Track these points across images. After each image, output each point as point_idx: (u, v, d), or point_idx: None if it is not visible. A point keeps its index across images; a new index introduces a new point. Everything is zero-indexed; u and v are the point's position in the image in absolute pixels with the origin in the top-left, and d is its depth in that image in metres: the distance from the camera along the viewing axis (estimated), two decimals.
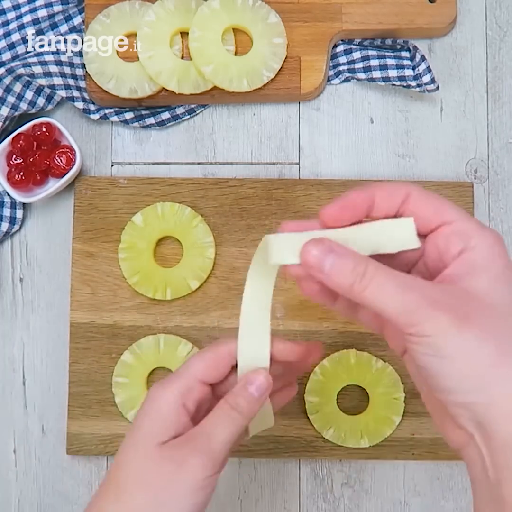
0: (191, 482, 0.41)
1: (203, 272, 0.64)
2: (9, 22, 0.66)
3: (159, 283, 0.63)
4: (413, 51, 0.66)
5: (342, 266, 0.34)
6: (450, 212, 0.36)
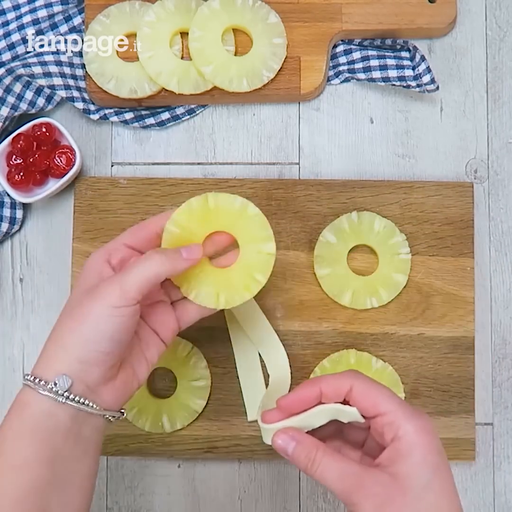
0: (100, 308, 0.46)
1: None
2: (9, 23, 0.67)
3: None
4: (413, 51, 0.66)
5: (299, 453, 0.46)
6: (384, 404, 0.45)
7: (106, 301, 0.46)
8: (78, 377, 0.46)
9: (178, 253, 0.49)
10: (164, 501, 0.65)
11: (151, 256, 0.48)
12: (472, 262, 0.64)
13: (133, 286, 0.47)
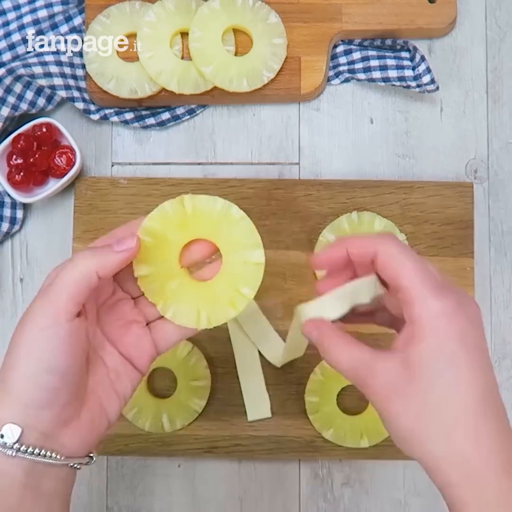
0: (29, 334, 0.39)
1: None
2: (9, 23, 0.67)
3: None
4: (413, 51, 0.66)
5: (315, 336, 0.42)
6: (405, 278, 0.39)
7: (34, 323, 0.39)
8: (28, 424, 0.39)
9: (107, 246, 0.42)
10: (164, 501, 0.65)
11: (75, 256, 0.41)
12: (472, 262, 0.64)
13: (63, 295, 0.39)
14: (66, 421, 0.40)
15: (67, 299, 0.39)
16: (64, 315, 0.39)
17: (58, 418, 0.40)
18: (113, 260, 0.41)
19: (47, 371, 0.39)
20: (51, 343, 0.39)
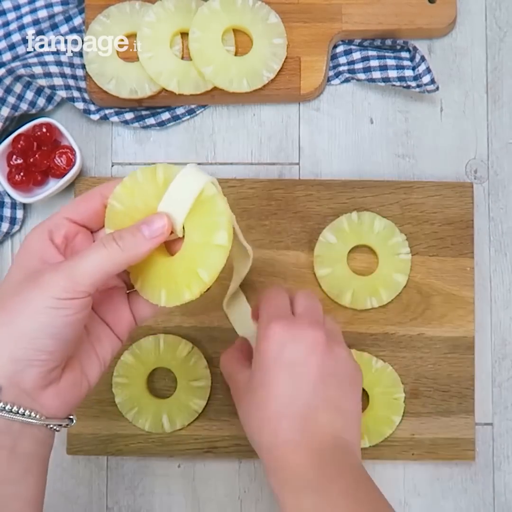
0: (43, 299, 0.39)
1: None
2: (9, 23, 0.67)
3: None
4: (413, 51, 0.66)
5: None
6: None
7: (49, 291, 0.39)
8: (11, 379, 0.39)
9: (139, 234, 0.41)
10: (164, 501, 0.65)
11: (107, 243, 0.40)
12: (472, 262, 0.64)
13: (86, 277, 0.39)
14: (49, 382, 0.40)
15: (91, 282, 0.39)
16: (82, 294, 0.39)
17: (42, 378, 0.40)
18: (146, 249, 0.41)
19: (50, 336, 0.39)
20: (63, 312, 0.39)
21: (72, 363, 0.43)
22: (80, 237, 0.45)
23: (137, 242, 0.41)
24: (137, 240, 0.41)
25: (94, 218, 0.44)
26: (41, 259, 0.42)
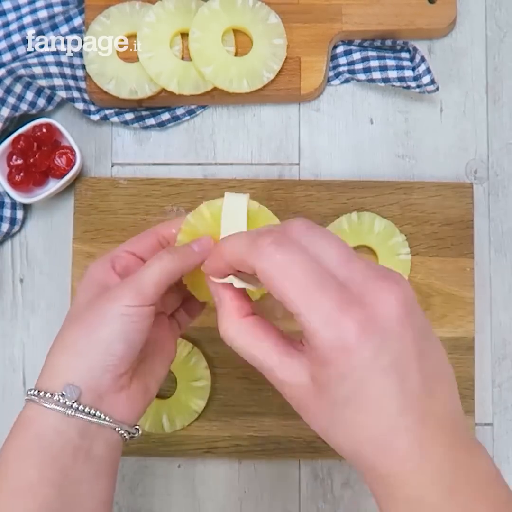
0: (116, 308, 0.43)
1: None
2: (9, 23, 0.67)
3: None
4: (413, 52, 0.66)
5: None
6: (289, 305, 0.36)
7: (120, 301, 0.44)
8: (88, 385, 0.43)
9: (189, 248, 0.46)
10: (164, 501, 0.65)
11: (161, 255, 0.46)
12: (472, 263, 0.64)
13: (149, 285, 0.44)
14: (120, 387, 0.44)
15: (154, 289, 0.44)
16: (148, 301, 0.44)
17: (115, 383, 0.44)
18: (195, 261, 0.46)
19: (123, 341, 0.43)
20: (134, 318, 0.43)
21: (138, 374, 0.46)
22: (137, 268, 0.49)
23: (189, 254, 0.46)
24: (189, 253, 0.46)
25: (150, 252, 0.49)
26: (104, 285, 0.47)
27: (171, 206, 0.65)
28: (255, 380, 0.63)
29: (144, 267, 0.45)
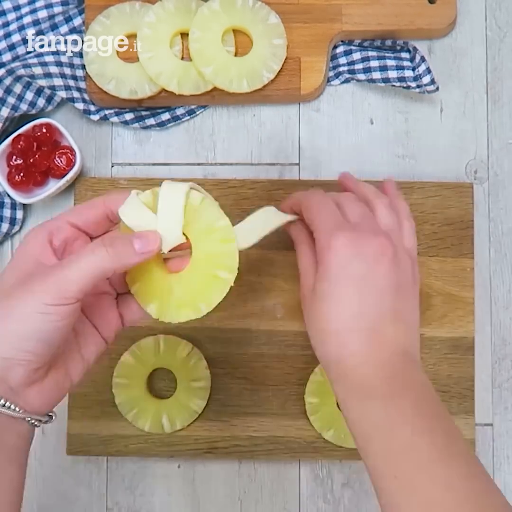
0: (34, 305, 0.40)
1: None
2: (9, 23, 0.67)
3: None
4: (413, 52, 0.66)
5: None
6: (315, 228, 0.50)
7: (38, 297, 0.40)
8: (0, 376, 0.41)
9: (129, 245, 0.43)
10: (164, 501, 0.65)
11: (95, 249, 0.41)
12: (472, 263, 0.64)
13: (74, 283, 0.40)
14: (34, 380, 0.42)
15: (78, 288, 0.40)
16: (70, 300, 0.40)
17: (28, 376, 0.41)
18: (133, 261, 0.43)
19: (37, 340, 0.40)
20: (51, 317, 0.40)
21: (57, 363, 0.44)
22: (78, 242, 0.46)
23: (127, 253, 0.43)
24: (127, 251, 0.43)
25: (95, 225, 0.46)
26: (36, 261, 0.43)
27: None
28: (254, 380, 0.64)
29: (71, 259, 0.41)
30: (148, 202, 0.45)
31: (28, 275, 0.42)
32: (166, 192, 0.45)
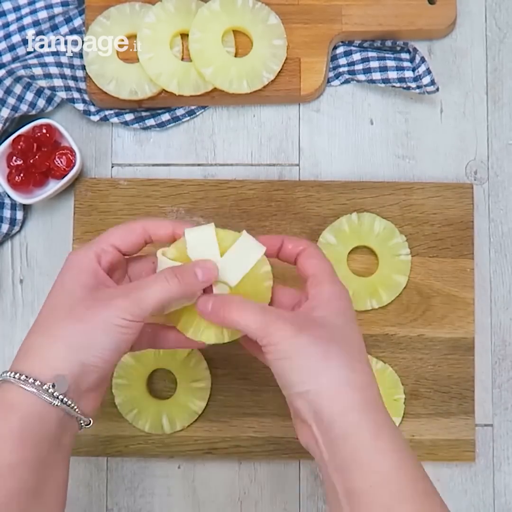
0: (111, 318, 0.45)
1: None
2: (9, 24, 0.67)
3: None
4: (413, 52, 0.66)
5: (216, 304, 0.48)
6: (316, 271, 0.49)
7: (118, 312, 0.45)
8: (75, 379, 0.44)
9: (193, 275, 0.47)
10: (164, 502, 0.65)
11: (168, 277, 0.46)
12: (472, 263, 0.64)
13: (150, 304, 0.45)
14: (97, 386, 0.47)
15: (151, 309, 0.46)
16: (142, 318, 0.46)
17: (96, 382, 0.46)
18: (197, 289, 0.48)
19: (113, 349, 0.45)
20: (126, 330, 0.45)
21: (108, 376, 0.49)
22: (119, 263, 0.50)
23: (193, 282, 0.47)
24: (193, 281, 0.47)
25: (135, 250, 0.50)
26: (95, 276, 0.47)
27: (171, 207, 0.65)
28: (255, 381, 0.64)
29: (147, 282, 0.47)
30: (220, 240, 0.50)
31: (97, 290, 0.47)
32: (241, 244, 0.50)
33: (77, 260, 0.48)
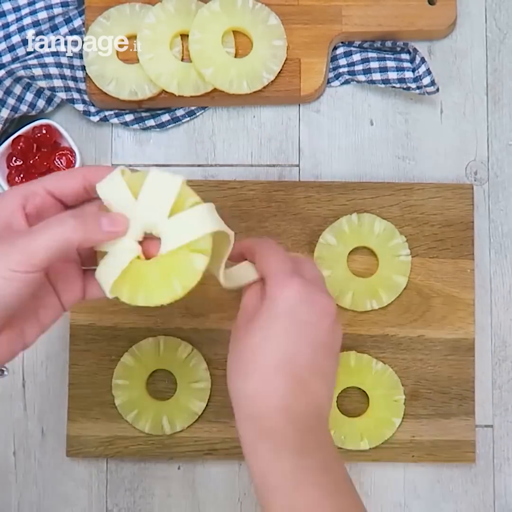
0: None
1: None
2: (9, 24, 0.67)
3: None
4: (413, 53, 0.66)
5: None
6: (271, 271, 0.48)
7: (4, 262, 0.40)
8: None
9: (97, 222, 0.42)
10: (164, 503, 0.65)
11: (64, 220, 0.41)
12: (472, 264, 0.64)
13: (40, 252, 0.40)
14: None
15: (44, 257, 0.40)
16: (35, 267, 0.40)
17: None
18: (98, 239, 0.43)
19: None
20: (14, 283, 0.40)
21: (13, 322, 0.43)
22: (51, 211, 0.45)
23: (94, 229, 0.42)
24: (94, 228, 0.42)
25: (72, 196, 0.45)
26: (6, 224, 0.43)
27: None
28: None
29: (39, 228, 0.41)
30: (133, 184, 0.44)
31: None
32: (153, 181, 0.44)
33: (2, 200, 0.44)
